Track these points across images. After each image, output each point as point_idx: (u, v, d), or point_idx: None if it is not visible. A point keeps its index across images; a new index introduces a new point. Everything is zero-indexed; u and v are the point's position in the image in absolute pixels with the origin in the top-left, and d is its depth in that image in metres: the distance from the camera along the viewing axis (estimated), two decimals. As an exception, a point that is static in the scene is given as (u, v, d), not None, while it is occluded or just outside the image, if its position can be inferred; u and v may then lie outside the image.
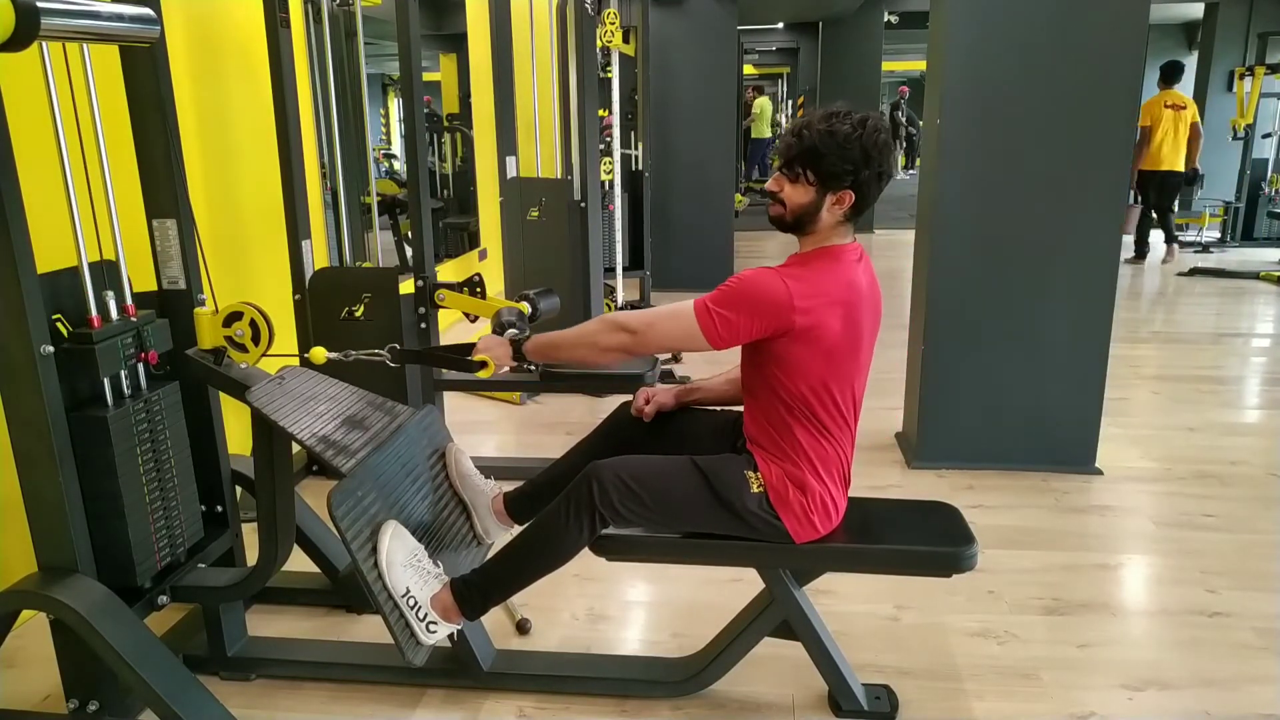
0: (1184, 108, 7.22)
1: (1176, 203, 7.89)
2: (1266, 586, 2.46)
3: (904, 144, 15.59)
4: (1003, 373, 3.19)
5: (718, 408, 2.06)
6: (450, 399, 3.82)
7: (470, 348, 1.93)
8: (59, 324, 1.77)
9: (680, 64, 6.39)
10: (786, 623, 1.88)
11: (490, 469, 2.18)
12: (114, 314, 1.85)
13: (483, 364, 1.89)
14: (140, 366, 1.92)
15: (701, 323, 1.68)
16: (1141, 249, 7.82)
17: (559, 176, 4.77)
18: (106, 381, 1.82)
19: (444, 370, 3.56)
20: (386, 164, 6.82)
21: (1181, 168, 7.34)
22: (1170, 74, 7.34)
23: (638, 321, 1.74)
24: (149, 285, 2.06)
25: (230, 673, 2.08)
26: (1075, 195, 3.03)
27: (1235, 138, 8.61)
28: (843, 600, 2.35)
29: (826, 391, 1.73)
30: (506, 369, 1.93)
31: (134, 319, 1.89)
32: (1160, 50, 11.46)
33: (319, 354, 2.01)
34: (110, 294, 1.84)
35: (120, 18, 1.63)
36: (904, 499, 2.02)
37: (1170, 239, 7.76)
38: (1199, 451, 3.46)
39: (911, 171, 15.82)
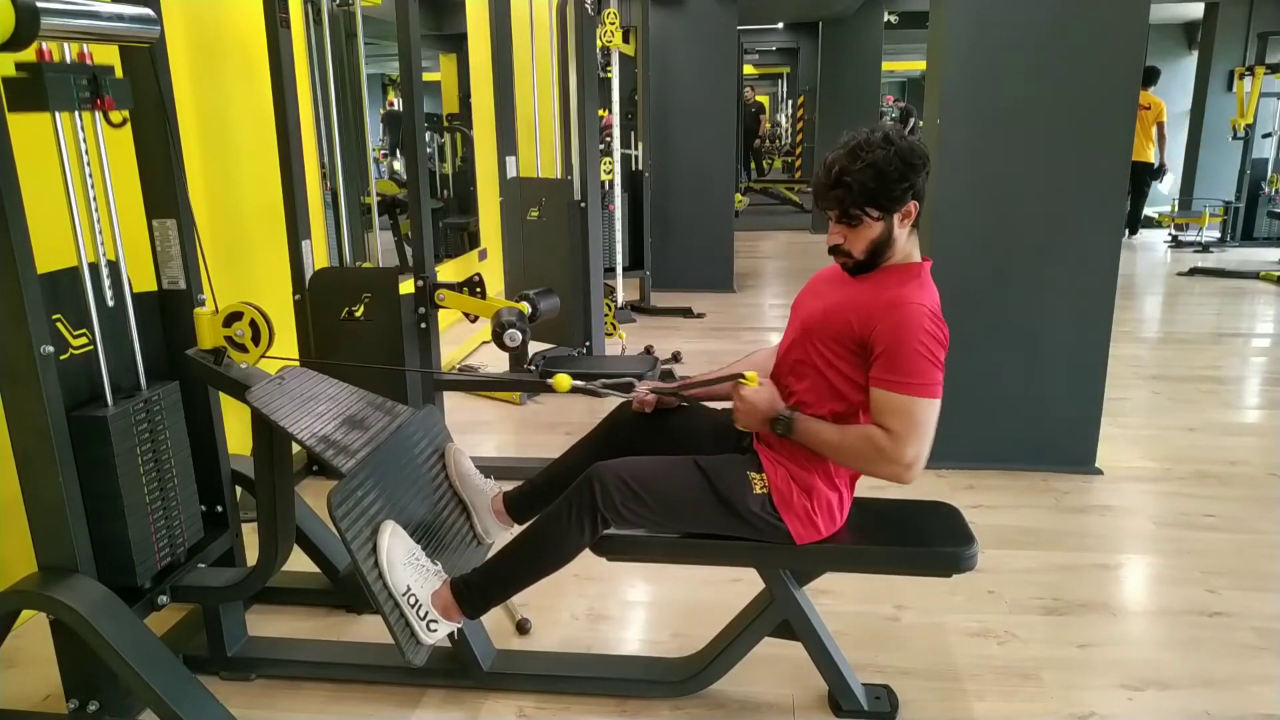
0: (1148, 108, 8.25)
1: (1147, 192, 9.09)
2: (1266, 586, 2.46)
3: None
4: (1003, 373, 3.19)
5: (718, 407, 2.06)
6: (450, 399, 3.82)
7: (735, 379, 1.82)
8: (59, 323, 1.77)
9: (680, 64, 6.39)
10: (786, 623, 1.88)
11: (490, 469, 2.18)
12: (68, 58, 1.71)
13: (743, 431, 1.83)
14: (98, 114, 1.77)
15: (938, 399, 1.70)
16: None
17: (559, 176, 4.77)
18: (106, 383, 1.82)
19: (445, 372, 3.56)
20: (386, 164, 6.83)
21: (1150, 160, 8.48)
22: (1145, 77, 8.16)
23: (911, 454, 1.66)
24: (149, 285, 2.06)
25: (230, 673, 2.08)
26: (1075, 195, 3.03)
27: (1235, 137, 8.61)
28: (843, 600, 2.35)
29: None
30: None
31: (90, 63, 1.75)
32: (1160, 50, 11.46)
33: (563, 382, 1.95)
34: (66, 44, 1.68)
35: (120, 18, 1.63)
36: (904, 499, 2.02)
37: (1131, 224, 8.95)
38: (1199, 451, 3.46)
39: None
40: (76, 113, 1.72)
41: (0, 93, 1.58)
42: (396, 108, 6.65)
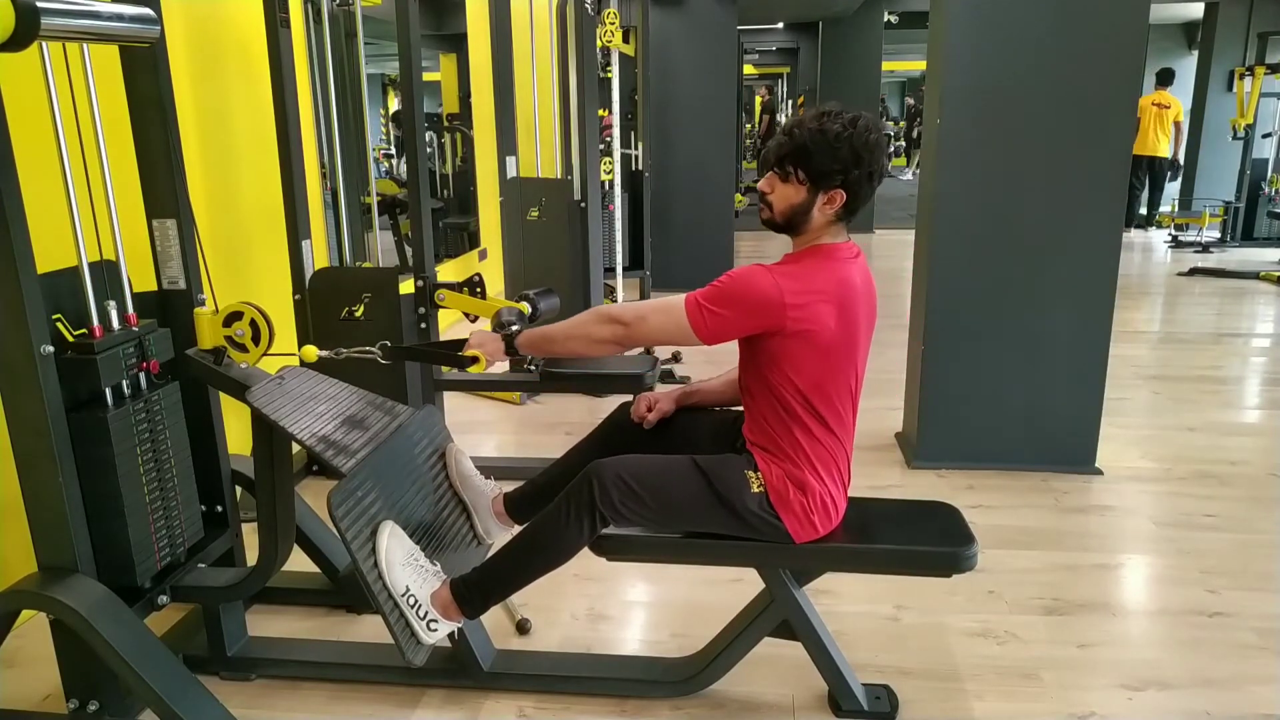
0: (1168, 107, 8.76)
1: (1164, 185, 9.46)
2: (1266, 586, 2.46)
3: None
4: (1003, 373, 3.19)
5: (717, 407, 2.06)
6: (450, 399, 3.82)
7: (462, 344, 1.93)
8: (60, 325, 1.77)
9: (680, 64, 6.39)
10: (786, 623, 1.88)
11: (490, 469, 2.18)
12: (115, 323, 1.85)
13: (474, 359, 1.89)
14: (141, 376, 1.92)
15: (691, 318, 1.68)
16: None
17: (559, 176, 4.77)
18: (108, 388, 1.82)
19: (445, 370, 3.56)
20: (386, 164, 6.83)
21: (1165, 154, 8.99)
22: (1164, 77, 8.88)
23: (630, 314, 1.74)
24: (149, 285, 2.06)
25: (230, 673, 2.08)
26: (1075, 195, 3.03)
27: (1235, 137, 8.61)
28: (843, 600, 2.35)
29: (822, 390, 1.73)
30: (501, 365, 1.92)
31: (135, 328, 1.89)
32: (1160, 50, 11.46)
33: (310, 352, 2.02)
34: (112, 303, 1.84)
35: (120, 18, 1.63)
36: (904, 499, 2.02)
37: (1149, 214, 9.37)
38: (1199, 451, 3.46)
39: (916, 171, 15.81)
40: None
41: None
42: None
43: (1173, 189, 9.85)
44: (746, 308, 1.67)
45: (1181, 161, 9.18)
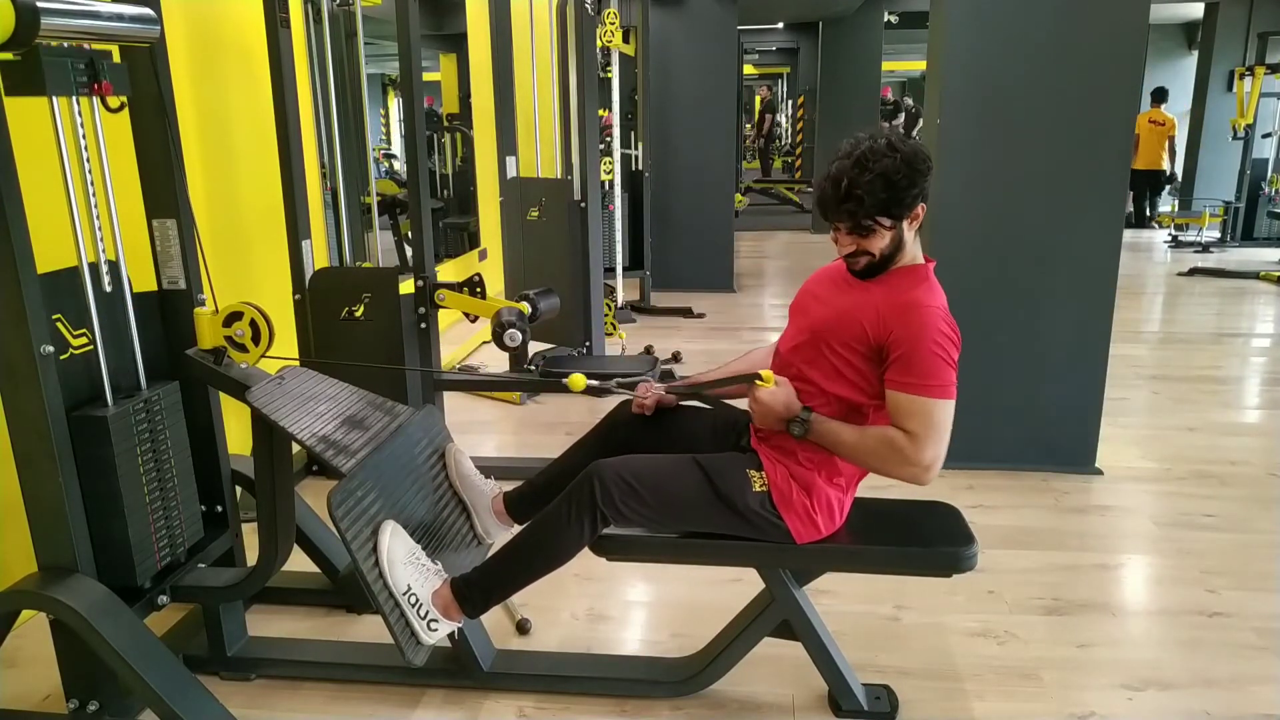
0: (1163, 124, 9.22)
1: (1157, 197, 9.93)
2: (1266, 586, 2.46)
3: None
4: (1003, 373, 3.19)
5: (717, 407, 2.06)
6: (450, 399, 3.82)
7: (751, 379, 1.79)
8: (59, 324, 1.77)
9: (680, 64, 6.39)
10: (786, 623, 1.88)
11: (490, 469, 2.18)
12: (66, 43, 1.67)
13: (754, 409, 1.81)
14: (95, 101, 1.73)
15: (953, 400, 1.69)
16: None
17: (559, 176, 4.77)
18: (106, 383, 1.82)
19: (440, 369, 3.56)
20: (386, 164, 6.83)
21: (1161, 168, 9.36)
22: (1158, 96, 9.26)
23: (930, 456, 1.71)
24: (149, 285, 2.06)
25: (230, 673, 2.08)
26: (1075, 195, 3.03)
27: (1235, 138, 8.61)
28: (843, 600, 2.35)
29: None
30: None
31: (88, 49, 1.71)
32: (1160, 50, 11.46)
33: (578, 381, 1.96)
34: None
35: (120, 18, 1.64)
36: (904, 499, 2.02)
37: (1140, 219, 9.78)
38: (1199, 451, 3.46)
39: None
40: (74, 99, 1.69)
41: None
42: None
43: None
44: (957, 352, 1.70)
45: (1179, 174, 9.45)
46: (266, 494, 1.91)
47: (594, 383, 1.98)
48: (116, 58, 1.93)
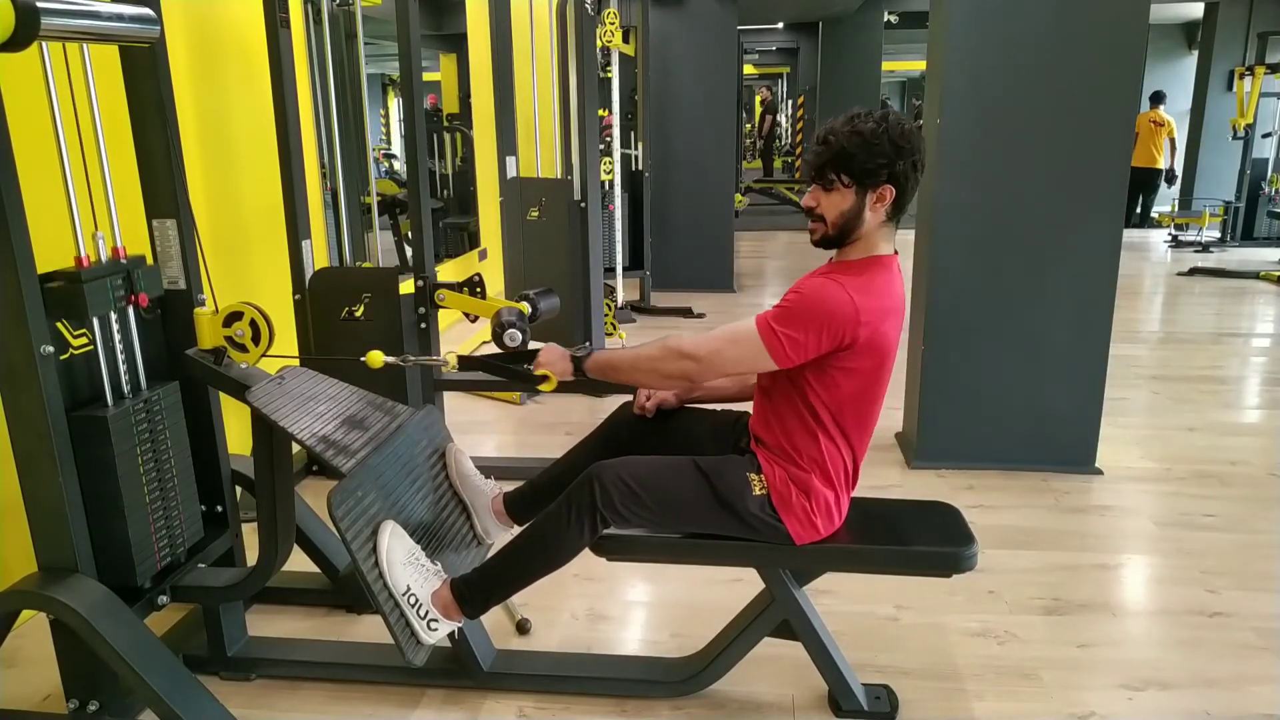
0: (1162, 124, 9.25)
1: (1154, 195, 9.86)
2: (1266, 586, 2.46)
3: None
4: (1003, 373, 3.19)
5: (718, 408, 2.06)
6: (450, 399, 3.82)
7: (532, 356, 1.90)
8: (60, 326, 1.77)
9: (680, 64, 6.38)
10: (786, 623, 1.88)
11: (490, 469, 2.18)
12: (104, 255, 1.79)
13: (544, 378, 1.87)
14: (130, 310, 1.86)
15: (768, 343, 1.63)
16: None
17: (559, 176, 4.77)
18: (106, 382, 1.82)
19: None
20: (386, 164, 6.83)
21: (1160, 166, 9.37)
22: (1156, 98, 9.34)
23: (703, 349, 1.69)
24: (149, 285, 2.06)
25: (230, 673, 2.08)
26: (1075, 195, 3.03)
27: (1235, 137, 8.62)
28: (843, 600, 2.35)
29: (858, 404, 1.73)
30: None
31: (124, 260, 1.84)
32: (1160, 50, 11.46)
33: (376, 358, 1.98)
34: (100, 234, 1.78)
35: (120, 18, 1.63)
36: (904, 499, 2.02)
37: (1143, 216, 9.85)
38: (1199, 451, 3.46)
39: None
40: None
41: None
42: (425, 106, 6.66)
43: (1172, 190, 9.90)
44: (824, 326, 1.61)
45: (1178, 171, 9.52)
46: (266, 494, 1.91)
47: (391, 359, 2.00)
48: (117, 58, 1.94)
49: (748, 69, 15.47)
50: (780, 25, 12.65)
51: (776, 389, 1.78)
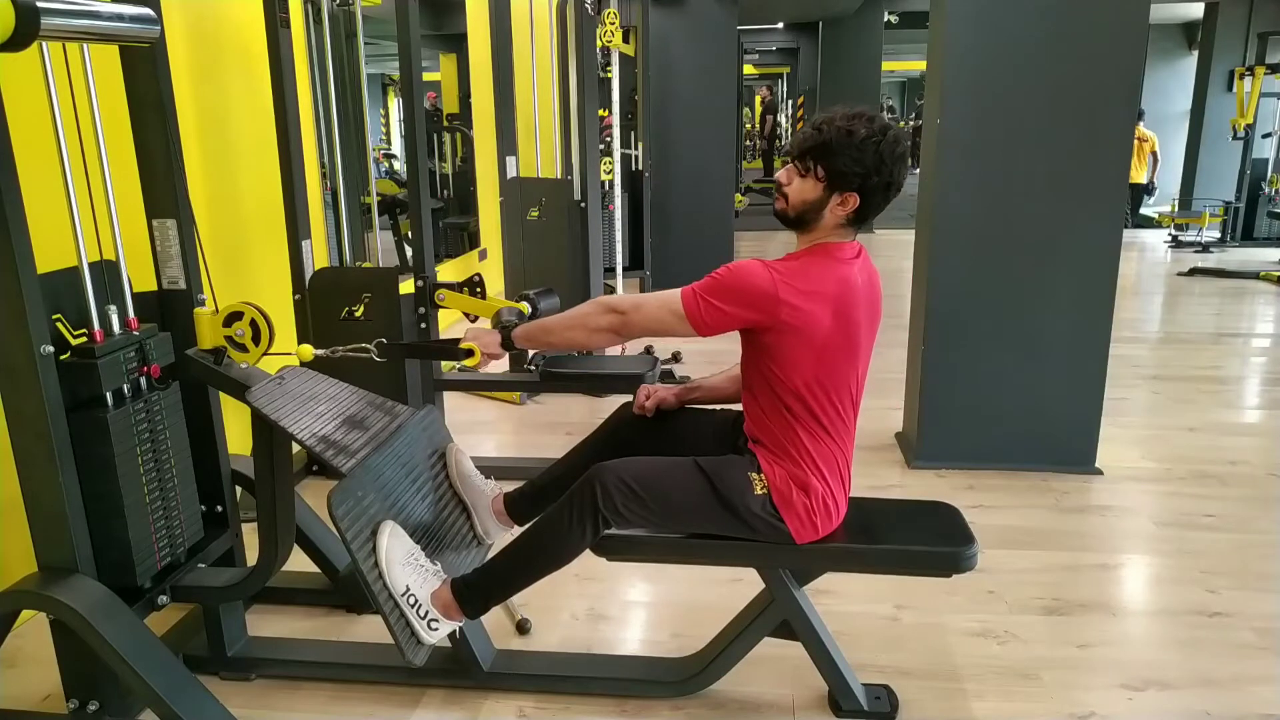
0: (1145, 140, 9.18)
1: (1139, 209, 9.95)
2: (1266, 586, 2.46)
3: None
4: (1003, 373, 3.19)
5: (718, 408, 2.06)
6: (450, 399, 3.82)
7: (457, 340, 1.94)
8: (59, 325, 1.77)
9: (680, 64, 6.39)
10: (786, 623, 1.88)
11: (490, 469, 2.18)
12: (116, 327, 1.85)
13: (469, 353, 1.91)
14: (142, 380, 1.91)
15: (688, 308, 1.68)
16: None
17: (559, 176, 4.77)
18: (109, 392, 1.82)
19: (445, 368, 3.56)
20: (386, 164, 6.83)
21: (1142, 180, 9.37)
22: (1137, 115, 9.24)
23: (628, 304, 1.76)
24: (149, 285, 2.06)
25: (230, 673, 2.08)
26: (1075, 195, 3.03)
27: (1235, 138, 8.62)
28: (843, 600, 2.35)
29: (821, 389, 1.72)
30: (501, 364, 1.93)
31: (137, 332, 1.90)
32: (1160, 50, 11.46)
33: (306, 351, 2.03)
34: (113, 307, 1.84)
35: (120, 18, 1.63)
36: (904, 499, 2.02)
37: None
38: (1199, 451, 3.46)
39: (914, 170, 15.82)
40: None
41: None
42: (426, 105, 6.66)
43: (1172, 190, 9.91)
44: (741, 300, 1.67)
45: (1157, 184, 9.62)
46: (266, 494, 1.91)
47: (321, 352, 2.03)
48: (117, 58, 1.94)
49: (748, 69, 15.46)
50: (780, 25, 12.65)
51: (754, 382, 1.79)
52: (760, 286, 1.65)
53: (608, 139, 5.22)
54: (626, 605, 2.44)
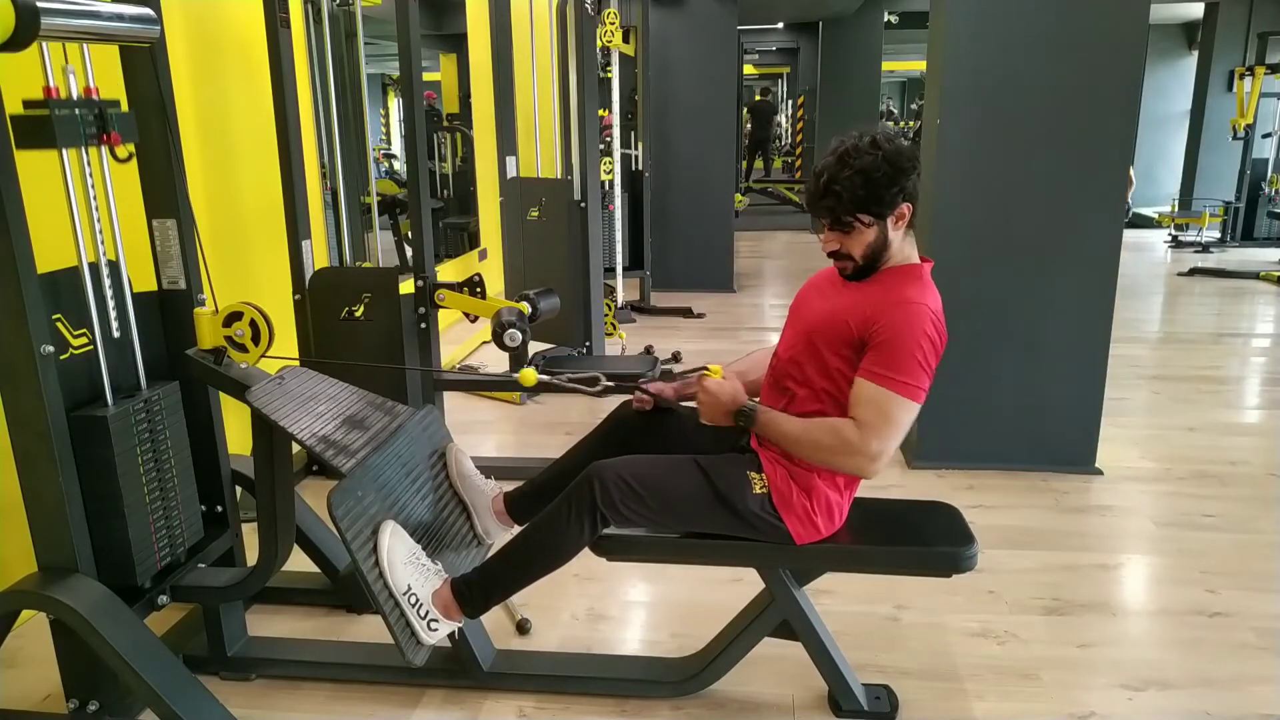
0: None
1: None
2: (1266, 586, 2.46)
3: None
4: (1003, 373, 3.19)
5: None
6: (450, 399, 3.82)
7: (701, 370, 1.87)
8: (60, 325, 1.77)
9: (680, 64, 6.39)
10: (786, 623, 1.88)
11: (490, 469, 2.18)
12: (75, 91, 1.72)
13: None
14: (104, 150, 1.78)
15: (918, 400, 1.69)
16: None
17: (559, 176, 4.77)
18: (106, 383, 1.82)
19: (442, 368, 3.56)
20: (386, 164, 6.83)
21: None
22: None
23: (874, 446, 1.66)
24: (149, 285, 2.06)
25: (230, 673, 2.08)
26: (1075, 195, 3.03)
27: (1235, 138, 8.62)
28: (843, 600, 2.35)
29: None
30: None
31: (96, 98, 1.78)
32: (1160, 50, 11.46)
33: (529, 376, 1.95)
34: (71, 68, 1.69)
35: (120, 18, 1.64)
36: (904, 499, 2.02)
37: None
38: (1199, 451, 3.46)
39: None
40: (84, 149, 1.73)
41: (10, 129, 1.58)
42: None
43: (1172, 189, 9.91)
44: (936, 353, 1.71)
45: (1131, 205, 9.47)
46: (266, 494, 1.91)
47: (544, 377, 1.99)
48: (117, 58, 1.94)
49: (748, 69, 15.46)
50: (780, 25, 12.66)
51: (806, 394, 1.77)
52: (938, 329, 1.71)
53: (608, 139, 5.23)
54: (626, 605, 2.44)
